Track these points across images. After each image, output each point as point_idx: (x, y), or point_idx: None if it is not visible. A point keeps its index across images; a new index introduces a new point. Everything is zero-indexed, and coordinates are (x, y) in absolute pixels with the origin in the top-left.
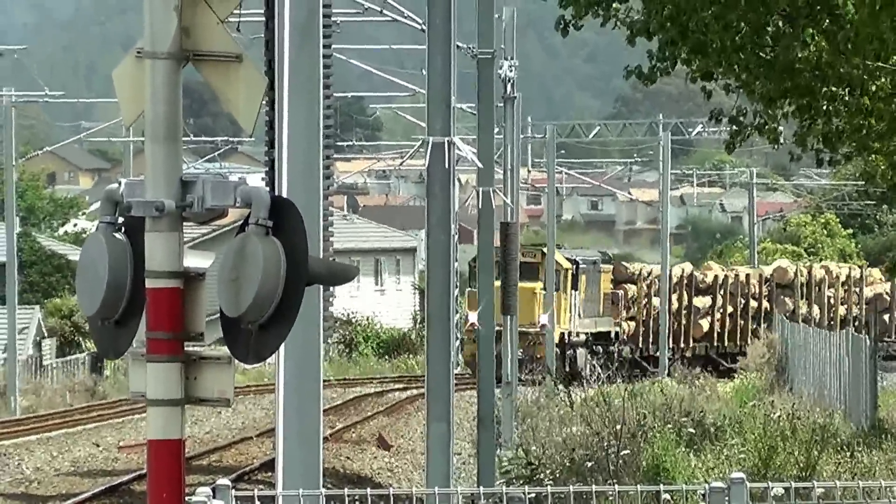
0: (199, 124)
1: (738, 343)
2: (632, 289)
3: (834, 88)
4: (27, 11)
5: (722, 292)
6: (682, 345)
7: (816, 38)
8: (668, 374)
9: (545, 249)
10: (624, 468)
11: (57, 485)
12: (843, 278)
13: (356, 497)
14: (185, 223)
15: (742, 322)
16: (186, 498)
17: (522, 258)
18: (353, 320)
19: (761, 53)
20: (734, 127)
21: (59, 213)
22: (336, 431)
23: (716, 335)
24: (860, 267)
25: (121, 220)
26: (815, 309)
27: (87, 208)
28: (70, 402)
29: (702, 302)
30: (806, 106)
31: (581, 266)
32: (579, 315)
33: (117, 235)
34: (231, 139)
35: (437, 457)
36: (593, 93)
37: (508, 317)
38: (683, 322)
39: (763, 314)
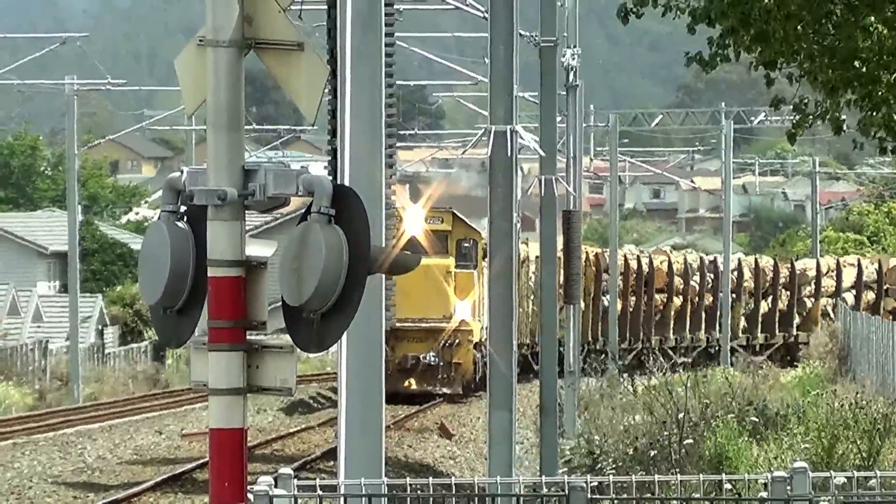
0: (261, 112)
1: None
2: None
3: None
4: None
5: None
6: None
7: (878, 26)
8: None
9: (457, 212)
10: (686, 457)
11: (119, 473)
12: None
13: (418, 486)
14: (247, 211)
15: None
16: (248, 486)
17: (427, 224)
18: None
19: (823, 42)
20: (796, 115)
21: (121, 201)
22: (398, 420)
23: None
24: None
25: (183, 208)
26: None
27: (150, 197)
28: (132, 391)
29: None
30: (868, 94)
31: None
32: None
33: (179, 224)
34: (293, 127)
35: (500, 445)
36: (655, 81)
37: (571, 306)
38: None
39: None
